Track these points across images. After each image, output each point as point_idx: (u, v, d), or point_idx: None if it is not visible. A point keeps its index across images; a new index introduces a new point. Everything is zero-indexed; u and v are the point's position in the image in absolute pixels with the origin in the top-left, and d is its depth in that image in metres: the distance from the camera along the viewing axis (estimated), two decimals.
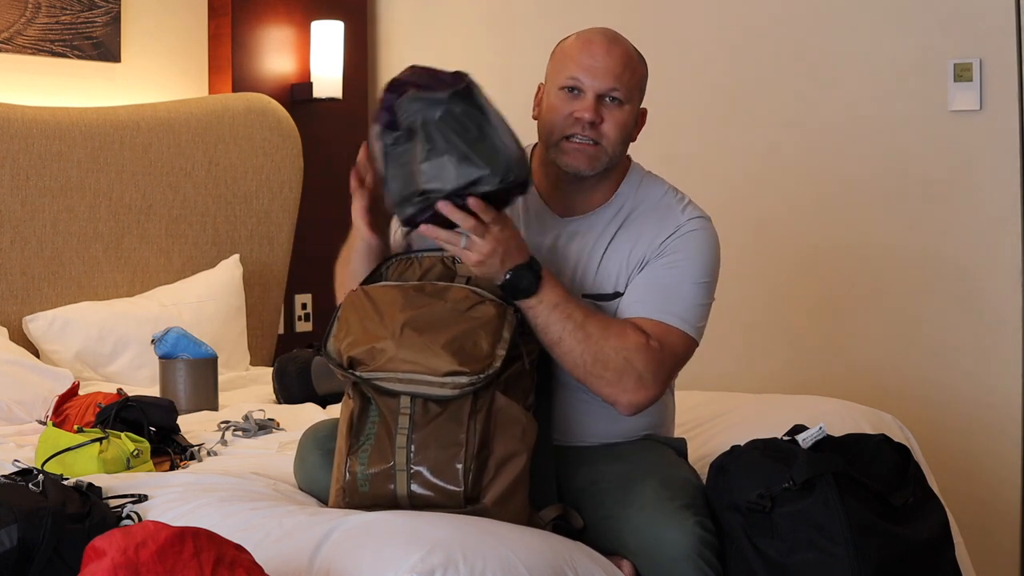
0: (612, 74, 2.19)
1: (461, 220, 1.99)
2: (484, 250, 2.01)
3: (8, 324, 3.41)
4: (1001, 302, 3.40)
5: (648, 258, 2.21)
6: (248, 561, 1.63)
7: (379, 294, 2.06)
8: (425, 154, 1.98)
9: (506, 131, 2.02)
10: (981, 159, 3.42)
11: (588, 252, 2.24)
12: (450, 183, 1.98)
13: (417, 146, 1.99)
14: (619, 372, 2.09)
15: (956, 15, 3.43)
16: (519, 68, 4.18)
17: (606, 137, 2.19)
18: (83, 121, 3.62)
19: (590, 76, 2.19)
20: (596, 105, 2.19)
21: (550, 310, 2.06)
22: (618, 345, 2.09)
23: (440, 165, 1.98)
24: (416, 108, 2.01)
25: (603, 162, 2.21)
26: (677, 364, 2.20)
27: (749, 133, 3.81)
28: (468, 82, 2.04)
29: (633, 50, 2.25)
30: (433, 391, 1.95)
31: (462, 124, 1.99)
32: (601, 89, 2.19)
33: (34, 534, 1.81)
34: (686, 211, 2.25)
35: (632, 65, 2.22)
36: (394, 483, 1.95)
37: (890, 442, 2.18)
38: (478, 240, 2.00)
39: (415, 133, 2.00)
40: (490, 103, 2.03)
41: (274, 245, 4.08)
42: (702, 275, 2.20)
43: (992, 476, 3.41)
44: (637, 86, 2.23)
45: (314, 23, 4.27)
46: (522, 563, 1.78)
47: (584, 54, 2.20)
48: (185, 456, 2.58)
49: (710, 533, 2.01)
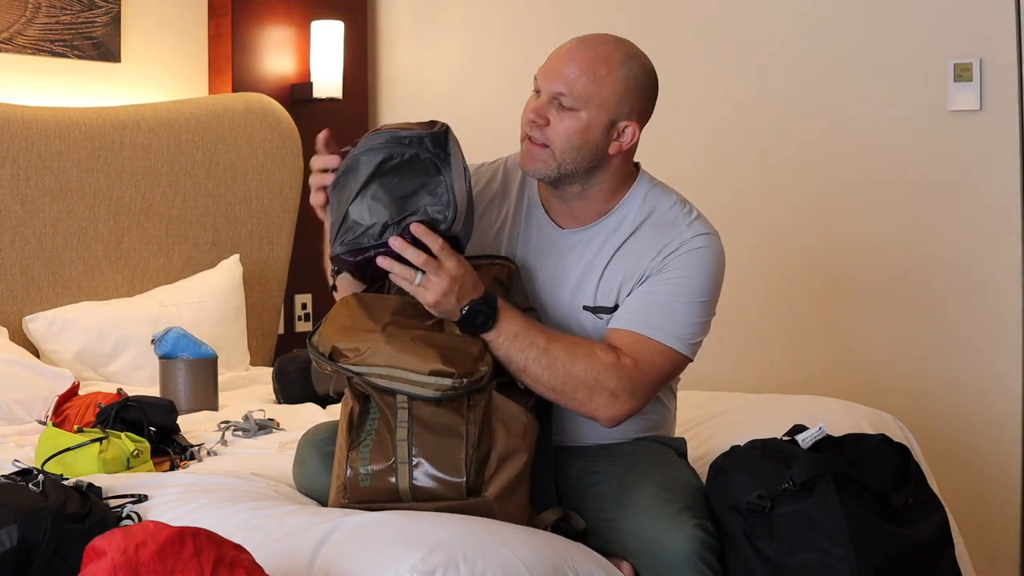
0: (563, 79, 2.12)
1: (414, 256, 1.96)
2: (440, 288, 1.97)
3: (8, 324, 3.41)
4: (1001, 302, 3.40)
5: (649, 273, 2.17)
6: (248, 561, 1.63)
7: (374, 298, 2.08)
8: (358, 190, 1.96)
9: (462, 181, 2.00)
10: (981, 159, 3.42)
11: (589, 264, 2.21)
12: (384, 217, 1.95)
13: (356, 186, 1.97)
14: (589, 391, 2.07)
15: (956, 15, 3.43)
16: (519, 68, 4.18)
17: (554, 140, 2.14)
18: (83, 121, 3.62)
19: (544, 77, 2.16)
20: (545, 106, 2.14)
21: (510, 341, 2.03)
22: (586, 366, 2.06)
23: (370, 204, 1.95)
24: (365, 144, 1.99)
25: (552, 167, 2.15)
26: (660, 379, 2.16)
27: (749, 133, 3.81)
28: (443, 127, 2.01)
29: (612, 59, 2.14)
30: (415, 391, 1.95)
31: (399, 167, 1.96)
32: (549, 91, 2.14)
33: (34, 534, 1.81)
34: (692, 226, 2.19)
35: (596, 75, 2.12)
36: (396, 477, 1.95)
37: (890, 442, 2.18)
38: (433, 278, 1.97)
39: (354, 170, 1.98)
40: (458, 150, 2.01)
41: (274, 245, 4.08)
42: (700, 294, 2.16)
43: (992, 476, 3.41)
44: (597, 95, 2.12)
45: (314, 23, 4.27)
46: (523, 563, 1.78)
47: (552, 56, 2.17)
48: (185, 456, 2.58)
49: (710, 535, 2.01)
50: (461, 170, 2.01)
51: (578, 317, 2.20)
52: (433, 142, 1.98)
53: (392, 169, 1.96)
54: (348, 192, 1.98)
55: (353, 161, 1.99)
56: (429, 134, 1.98)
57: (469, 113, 4.33)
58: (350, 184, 1.98)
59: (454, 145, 2.01)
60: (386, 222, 1.96)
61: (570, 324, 2.19)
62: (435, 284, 1.97)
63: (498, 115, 4.15)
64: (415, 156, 1.97)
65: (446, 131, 2.01)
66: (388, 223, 1.96)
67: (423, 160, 1.97)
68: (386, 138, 1.98)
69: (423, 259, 1.96)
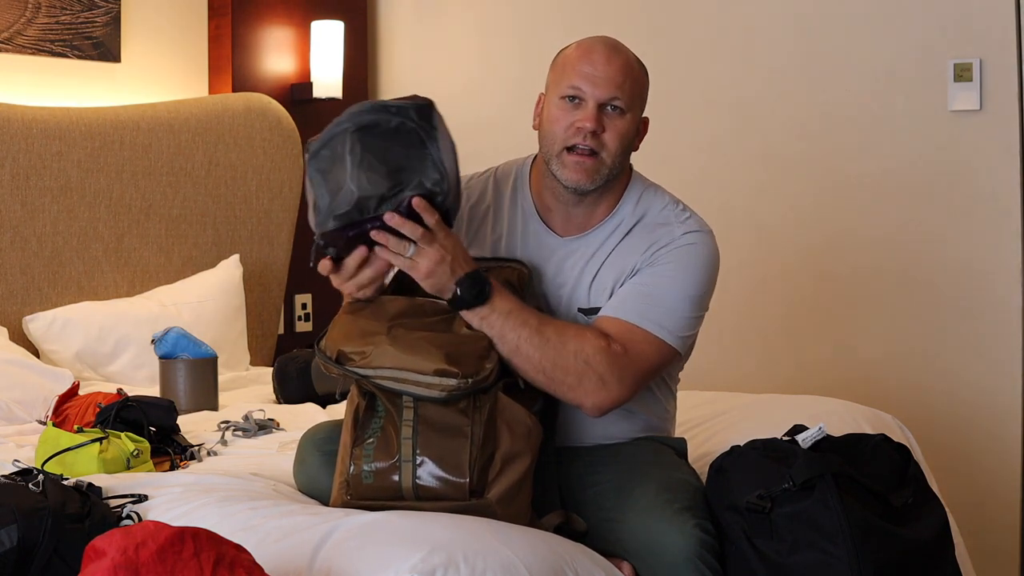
0: (613, 83, 2.16)
1: (411, 230, 1.97)
2: (433, 257, 1.99)
3: (8, 324, 3.41)
4: (1001, 302, 3.40)
5: (639, 267, 2.19)
6: (248, 561, 1.63)
7: (379, 301, 2.08)
8: (357, 161, 1.96)
9: (451, 154, 2.00)
10: (981, 159, 3.42)
11: (585, 268, 2.23)
12: (381, 189, 1.95)
13: (348, 156, 1.97)
14: (579, 375, 2.07)
15: (956, 15, 3.43)
16: (520, 68, 4.18)
17: (607, 147, 2.17)
18: (83, 121, 3.62)
19: (591, 85, 2.17)
20: (597, 114, 2.16)
21: (504, 318, 2.04)
22: (576, 348, 2.07)
23: (368, 175, 1.95)
24: (349, 114, 1.99)
25: (603, 174, 2.18)
26: (649, 370, 2.16)
27: (749, 134, 3.81)
28: (427, 100, 2.02)
29: (634, 59, 2.23)
30: (421, 391, 1.95)
31: (387, 135, 1.97)
32: (602, 98, 2.17)
33: (34, 534, 1.81)
34: (685, 224, 2.22)
35: (633, 74, 2.20)
36: (399, 475, 1.95)
37: (890, 442, 2.18)
38: (427, 248, 1.99)
39: (341, 139, 1.97)
40: (443, 123, 2.01)
41: (274, 245, 4.08)
42: (691, 287, 2.17)
43: (992, 476, 3.41)
44: (638, 95, 2.21)
45: (314, 23, 4.27)
46: (523, 563, 1.78)
47: (585, 63, 2.18)
48: (185, 456, 2.58)
49: (710, 535, 2.01)
50: (449, 143, 2.01)
51: (574, 320, 2.20)
52: (418, 114, 1.99)
53: (380, 136, 1.97)
54: (339, 164, 1.97)
55: (339, 130, 1.99)
56: (414, 105, 2.00)
57: (469, 113, 4.33)
58: (339, 155, 1.97)
59: (439, 119, 2.02)
60: (383, 194, 1.97)
61: None
62: (430, 254, 1.99)
63: (499, 115, 4.16)
64: (401, 124, 1.98)
65: (430, 103, 2.02)
66: (385, 195, 1.97)
67: (409, 130, 1.98)
68: (371, 107, 2.00)
69: (419, 232, 1.98)
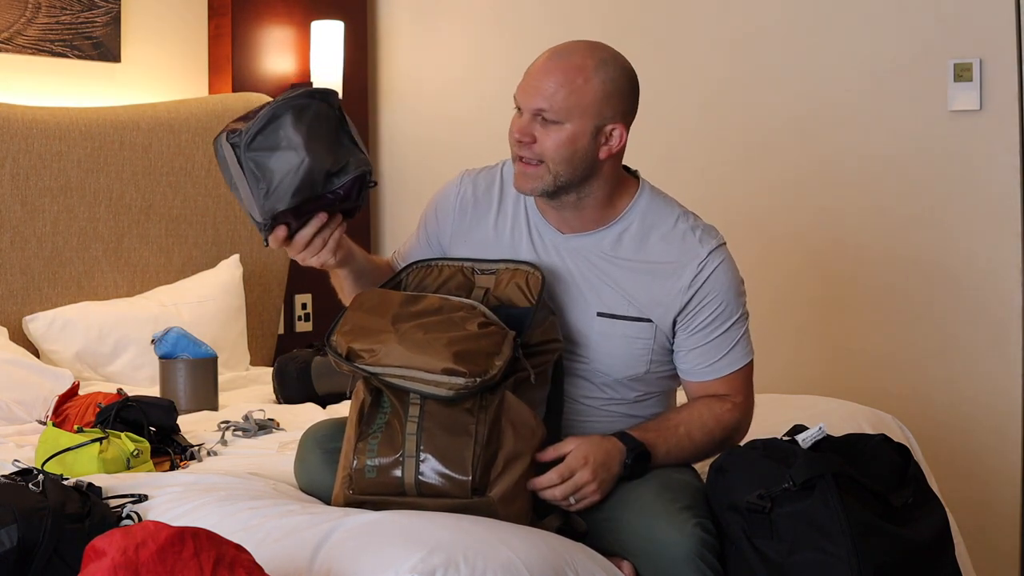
0: (541, 94, 2.12)
1: (561, 493, 2.04)
2: (591, 483, 2.05)
3: (8, 324, 3.41)
4: (1001, 302, 3.40)
5: (687, 307, 2.20)
6: (248, 561, 1.63)
7: (391, 295, 2.09)
8: (305, 136, 2.01)
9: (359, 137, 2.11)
10: (981, 159, 3.42)
11: (595, 270, 2.22)
12: (327, 164, 2.02)
13: (294, 134, 2.02)
14: (730, 437, 2.26)
15: (956, 15, 3.43)
16: (519, 68, 4.17)
17: (545, 155, 2.14)
18: (83, 121, 3.62)
19: (523, 94, 2.16)
20: (528, 124, 2.15)
21: (665, 458, 2.17)
22: (717, 427, 2.23)
23: (318, 147, 2.02)
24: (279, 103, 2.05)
25: (548, 181, 2.15)
26: (752, 383, 2.32)
27: (748, 134, 3.81)
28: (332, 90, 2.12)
29: (586, 67, 2.13)
30: (429, 390, 1.95)
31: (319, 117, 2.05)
32: (531, 108, 2.14)
33: (34, 534, 1.81)
34: (703, 241, 2.21)
35: (573, 85, 2.11)
36: (402, 470, 1.95)
37: (890, 442, 2.18)
38: (580, 479, 2.05)
39: (287, 123, 2.03)
40: None
41: None
42: (738, 308, 2.25)
43: (992, 476, 3.41)
44: (578, 104, 2.11)
45: (314, 23, 4.27)
46: (523, 563, 1.78)
47: (528, 73, 2.18)
48: (185, 456, 2.58)
49: (710, 535, 2.01)
50: (354, 128, 2.12)
51: (592, 323, 2.21)
52: (332, 100, 2.08)
53: (314, 116, 2.04)
54: (285, 143, 2.02)
55: (274, 115, 2.04)
56: (321, 91, 2.08)
57: (469, 113, 4.33)
58: (285, 136, 2.02)
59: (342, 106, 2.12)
60: (328, 169, 2.04)
61: (587, 330, 2.20)
62: (590, 485, 2.06)
63: (498, 115, 4.15)
64: (323, 109, 2.06)
65: (335, 91, 2.12)
66: (330, 171, 2.04)
67: (330, 115, 2.07)
68: (294, 94, 2.06)
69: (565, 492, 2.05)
